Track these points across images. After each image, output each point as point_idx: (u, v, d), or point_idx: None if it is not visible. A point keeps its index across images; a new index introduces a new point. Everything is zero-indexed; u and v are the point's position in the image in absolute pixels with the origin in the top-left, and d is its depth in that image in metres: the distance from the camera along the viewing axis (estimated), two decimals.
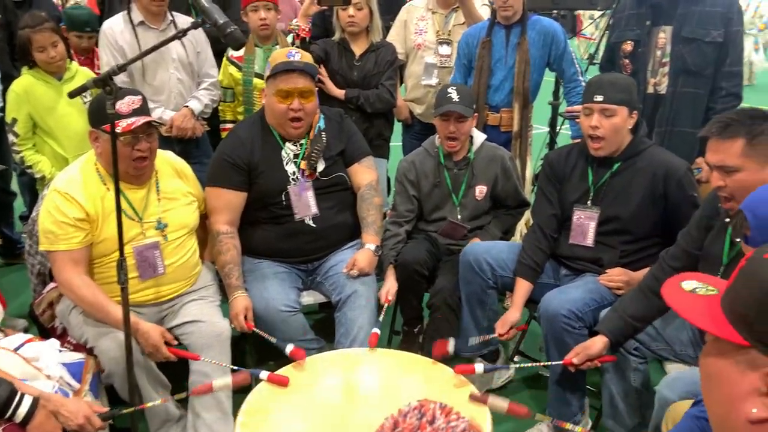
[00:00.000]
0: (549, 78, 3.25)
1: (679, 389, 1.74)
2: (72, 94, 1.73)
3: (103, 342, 2.00)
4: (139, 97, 2.07)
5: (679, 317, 2.02)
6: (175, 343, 2.11)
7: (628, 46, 2.69)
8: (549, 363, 2.17)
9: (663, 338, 2.05)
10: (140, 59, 2.47)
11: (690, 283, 0.92)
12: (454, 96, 2.51)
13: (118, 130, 1.93)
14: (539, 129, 4.45)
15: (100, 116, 1.99)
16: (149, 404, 1.92)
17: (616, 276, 2.24)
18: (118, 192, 1.69)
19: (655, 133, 2.65)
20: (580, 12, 4.54)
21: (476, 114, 2.66)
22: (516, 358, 2.78)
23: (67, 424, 1.64)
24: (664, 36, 2.65)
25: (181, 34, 1.58)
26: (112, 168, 1.67)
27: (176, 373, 2.18)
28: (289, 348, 1.98)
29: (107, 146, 1.99)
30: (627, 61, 2.72)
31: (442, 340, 2.03)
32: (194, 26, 1.58)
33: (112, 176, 2.02)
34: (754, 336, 0.78)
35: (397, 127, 3.52)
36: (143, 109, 2.06)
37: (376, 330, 2.20)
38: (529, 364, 2.43)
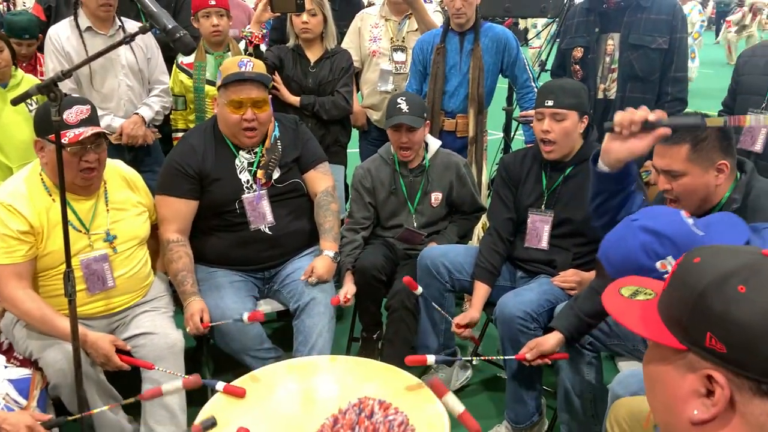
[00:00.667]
0: (502, 84, 3.30)
1: (631, 386, 1.79)
2: (15, 101, 1.68)
3: (48, 353, 1.93)
4: (88, 106, 2.01)
5: None
6: (128, 349, 2.05)
7: (578, 53, 2.75)
8: (503, 357, 2.20)
9: (616, 334, 2.10)
10: (87, 65, 2.46)
11: (628, 289, 0.94)
12: (404, 107, 2.52)
13: (65, 140, 1.88)
14: (494, 135, 4.52)
15: (45, 125, 1.93)
16: (96, 410, 1.85)
17: (569, 277, 2.29)
18: (64, 202, 1.64)
19: (605, 137, 2.71)
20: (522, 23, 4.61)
21: (428, 122, 2.68)
22: (474, 361, 2.81)
23: None
24: (612, 43, 2.72)
25: (129, 39, 1.54)
26: (58, 179, 1.62)
27: (128, 386, 2.12)
28: (246, 315, 2.05)
29: (53, 156, 1.91)
30: (577, 66, 2.78)
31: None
32: (142, 31, 1.55)
33: (58, 186, 1.97)
34: (689, 339, 0.80)
35: (355, 134, 3.52)
36: (92, 119, 2.00)
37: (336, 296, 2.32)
38: (483, 358, 2.43)
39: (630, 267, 1.41)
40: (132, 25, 2.91)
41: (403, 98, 2.54)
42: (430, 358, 1.93)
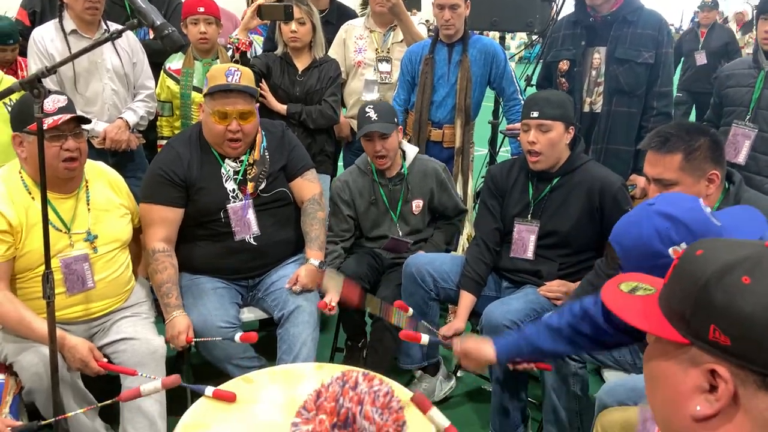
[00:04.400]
0: (488, 102, 3.32)
1: (618, 396, 1.77)
2: None
3: (24, 357, 1.87)
4: (65, 97, 1.98)
5: None
6: (104, 360, 1.99)
7: (564, 65, 2.78)
8: (488, 373, 2.18)
9: None
10: (70, 62, 2.45)
11: (628, 284, 0.92)
12: (373, 115, 2.51)
13: (44, 127, 1.83)
14: (479, 151, 4.53)
15: (23, 117, 1.90)
16: (71, 414, 1.78)
17: (555, 287, 2.29)
18: (44, 195, 1.57)
19: (591, 150, 2.74)
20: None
21: (400, 127, 2.67)
22: (458, 373, 2.79)
23: None
24: (598, 56, 2.75)
25: (116, 35, 1.52)
26: (38, 173, 1.57)
27: (106, 391, 2.06)
28: (238, 335, 2.04)
29: (33, 149, 1.88)
30: (563, 79, 2.81)
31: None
32: (129, 27, 1.52)
33: (38, 184, 1.92)
34: (692, 332, 0.78)
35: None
36: (69, 107, 1.96)
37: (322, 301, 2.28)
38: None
39: (642, 251, 1.39)
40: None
41: (371, 107, 2.54)
42: (424, 338, 1.94)
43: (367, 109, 2.53)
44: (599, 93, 2.77)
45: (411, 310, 2.20)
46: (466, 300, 2.39)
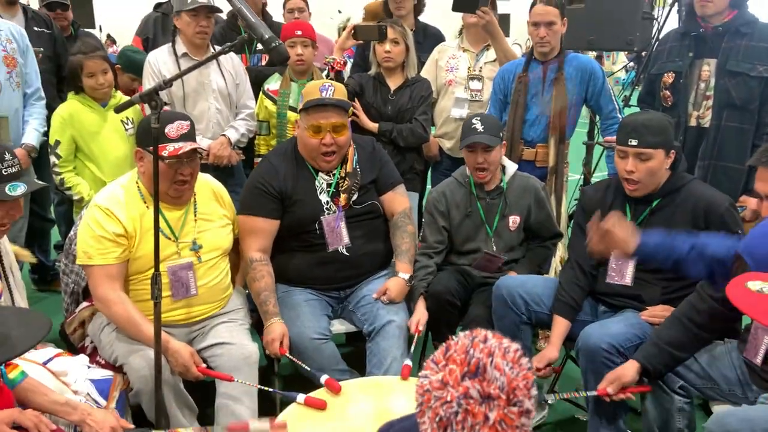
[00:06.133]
0: (583, 120, 3.23)
1: (729, 426, 1.64)
2: (118, 109, 1.78)
3: (133, 359, 1.98)
4: (188, 122, 2.11)
5: (726, 357, 1.95)
6: (203, 365, 2.07)
7: (669, 78, 2.67)
8: (584, 394, 2.07)
9: (710, 376, 1.95)
10: (180, 84, 2.61)
11: (756, 284, 0.88)
12: (479, 126, 2.48)
13: (165, 153, 1.97)
14: (572, 177, 4.39)
15: (148, 136, 2.02)
16: (181, 430, 1.88)
17: (659, 312, 2.15)
18: (157, 208, 1.70)
19: (697, 167, 2.60)
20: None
21: (504, 142, 2.64)
22: (550, 400, 2.67)
23: None
24: (708, 69, 2.63)
25: (228, 49, 1.62)
26: (153, 187, 1.69)
27: (201, 397, 2.14)
28: (324, 378, 1.97)
29: (151, 166, 2.01)
30: (668, 92, 2.69)
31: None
32: (241, 42, 1.62)
33: (152, 195, 2.05)
34: None
35: None
36: (190, 135, 2.09)
37: (408, 362, 2.15)
38: (565, 396, 2.29)
39: None
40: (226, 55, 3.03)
41: (478, 119, 2.51)
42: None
43: (473, 121, 2.50)
44: (708, 107, 2.63)
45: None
46: (560, 325, 2.30)
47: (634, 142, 2.12)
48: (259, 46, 3.50)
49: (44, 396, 1.66)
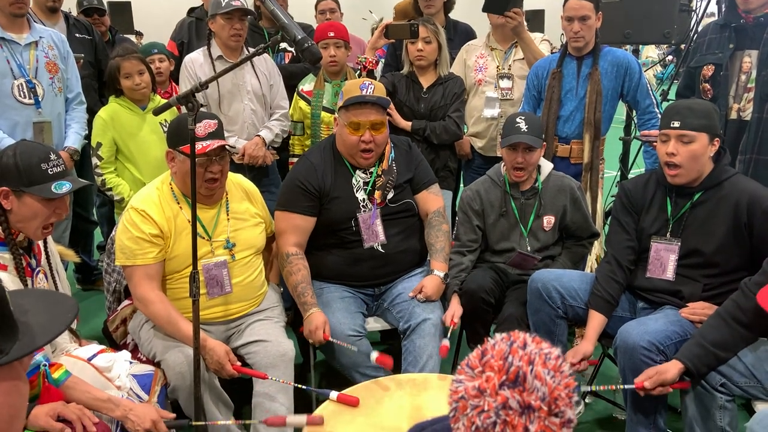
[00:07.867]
0: (619, 115, 3.17)
1: None
2: (156, 112, 1.81)
3: (171, 356, 2.02)
4: (215, 120, 2.14)
5: None
6: (238, 363, 2.11)
7: (708, 71, 2.61)
8: (621, 387, 2.04)
9: (753, 375, 1.90)
10: (216, 85, 2.65)
11: None
12: (523, 126, 2.46)
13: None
14: (609, 173, 4.32)
15: (177, 137, 2.07)
16: (221, 422, 1.92)
17: (699, 309, 2.11)
18: (194, 207, 1.73)
19: (738, 161, 2.53)
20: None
21: (544, 144, 2.61)
22: (587, 398, 2.64)
23: (134, 429, 1.66)
24: (749, 60, 2.56)
25: (261, 50, 1.64)
26: (186, 187, 1.72)
27: (240, 395, 2.17)
28: (374, 355, 2.05)
29: (182, 166, 2.07)
30: (708, 85, 2.63)
31: None
32: (273, 43, 1.64)
33: (185, 195, 2.10)
34: None
35: None
36: (218, 133, 2.12)
37: (446, 342, 2.17)
38: (602, 387, 2.25)
39: None
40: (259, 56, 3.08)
41: (522, 117, 2.49)
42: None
43: (518, 120, 2.48)
44: (749, 99, 2.56)
45: None
46: (596, 320, 2.26)
47: (676, 124, 2.09)
48: (282, 45, 3.56)
49: (87, 393, 1.71)
